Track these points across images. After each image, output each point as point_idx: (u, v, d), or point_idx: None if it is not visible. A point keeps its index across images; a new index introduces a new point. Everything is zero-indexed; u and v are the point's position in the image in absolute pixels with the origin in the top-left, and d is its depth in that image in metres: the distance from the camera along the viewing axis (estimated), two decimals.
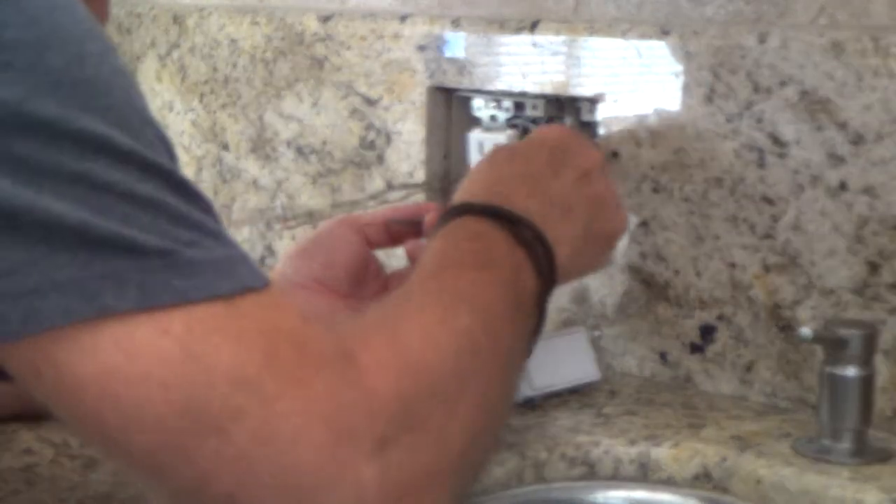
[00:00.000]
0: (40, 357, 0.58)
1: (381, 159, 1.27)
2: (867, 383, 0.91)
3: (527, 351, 0.83)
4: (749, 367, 1.05)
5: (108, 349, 0.58)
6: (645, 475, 0.95)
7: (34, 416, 0.93)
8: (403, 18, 1.24)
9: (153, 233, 0.58)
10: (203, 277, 0.59)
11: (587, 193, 0.93)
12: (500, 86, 1.17)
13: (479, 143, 1.17)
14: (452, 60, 1.20)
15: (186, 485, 0.61)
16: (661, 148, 1.08)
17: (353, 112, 1.29)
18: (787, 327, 1.03)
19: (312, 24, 1.32)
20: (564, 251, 0.86)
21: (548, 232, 0.85)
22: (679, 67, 1.06)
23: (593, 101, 1.12)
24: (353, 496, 0.62)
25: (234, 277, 0.61)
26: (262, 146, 1.39)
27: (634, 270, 1.11)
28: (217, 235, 0.61)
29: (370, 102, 1.27)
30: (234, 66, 1.40)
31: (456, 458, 0.69)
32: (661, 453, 0.95)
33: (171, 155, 0.61)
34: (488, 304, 0.77)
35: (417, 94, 1.23)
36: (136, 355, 0.58)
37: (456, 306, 0.75)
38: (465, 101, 1.22)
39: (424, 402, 0.67)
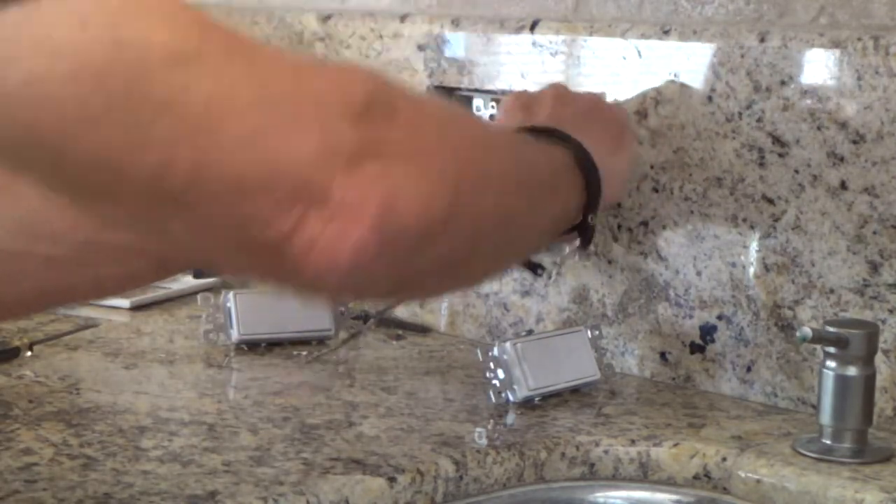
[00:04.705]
0: None
1: None
2: (868, 383, 0.91)
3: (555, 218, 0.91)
4: (749, 367, 1.05)
5: (29, 54, 0.56)
6: (645, 475, 0.95)
7: None
8: (403, 18, 1.24)
9: None
10: None
11: (572, 108, 1.01)
12: (500, 85, 1.17)
13: None
14: (452, 60, 1.20)
15: (147, 174, 0.59)
16: (661, 147, 1.08)
17: None
18: (787, 327, 1.03)
19: (312, 24, 1.32)
20: (590, 144, 0.94)
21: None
22: (679, 67, 1.06)
23: None
24: (322, 148, 0.62)
25: None
26: None
27: (634, 270, 1.11)
28: None
29: None
30: None
31: (447, 168, 0.69)
32: (661, 453, 0.95)
33: None
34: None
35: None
36: (62, 53, 0.56)
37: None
38: (466, 101, 1.22)
39: (419, 125, 0.69)
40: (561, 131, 0.93)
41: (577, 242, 0.97)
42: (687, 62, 1.06)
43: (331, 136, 0.62)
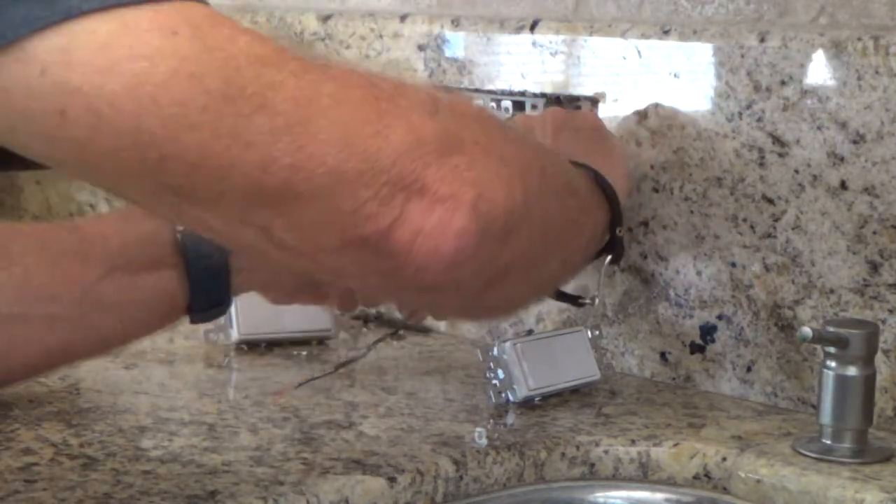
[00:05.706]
0: (63, 85, 0.57)
1: None
2: (868, 383, 0.91)
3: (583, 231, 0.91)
4: (749, 367, 1.05)
5: (127, 60, 0.58)
6: (645, 475, 0.95)
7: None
8: (403, 18, 1.24)
9: None
10: None
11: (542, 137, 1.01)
12: (500, 85, 1.17)
13: None
14: (452, 60, 1.20)
15: (250, 173, 0.61)
16: (661, 147, 1.08)
17: None
18: (787, 327, 1.03)
19: (312, 24, 1.32)
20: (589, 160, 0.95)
21: None
22: (679, 67, 1.06)
23: (593, 101, 1.11)
24: (411, 139, 0.63)
25: None
26: None
27: (634, 270, 1.11)
28: None
29: None
30: None
31: (518, 170, 0.70)
32: (661, 453, 0.95)
33: None
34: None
35: None
36: (158, 57, 0.58)
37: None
38: None
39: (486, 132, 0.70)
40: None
41: (608, 259, 1.00)
42: (687, 62, 1.06)
43: (416, 129, 0.64)
